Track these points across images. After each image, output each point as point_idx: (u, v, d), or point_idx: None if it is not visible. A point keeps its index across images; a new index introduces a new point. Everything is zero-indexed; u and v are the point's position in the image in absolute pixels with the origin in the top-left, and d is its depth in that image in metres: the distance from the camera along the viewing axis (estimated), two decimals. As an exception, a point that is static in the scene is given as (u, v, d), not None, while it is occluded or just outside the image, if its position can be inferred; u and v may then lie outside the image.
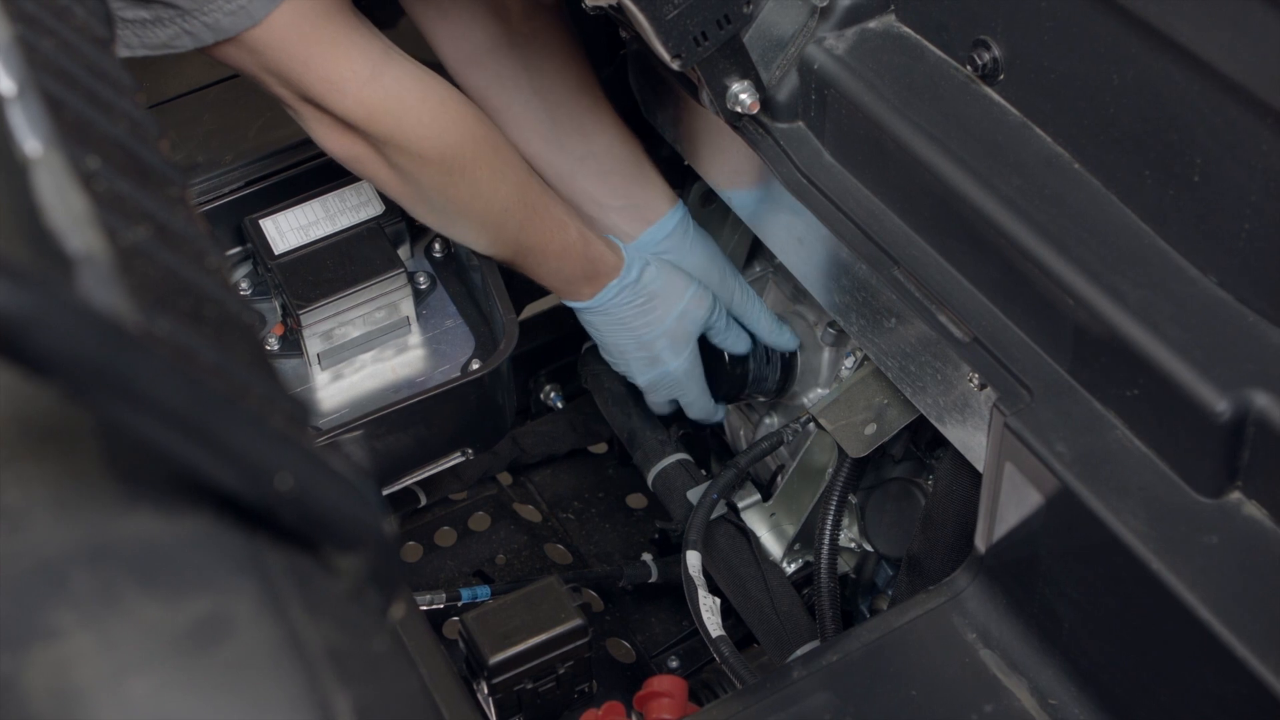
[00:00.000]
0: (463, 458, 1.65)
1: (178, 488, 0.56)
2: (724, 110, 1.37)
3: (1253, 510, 1.06)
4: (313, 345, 1.60)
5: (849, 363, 1.68)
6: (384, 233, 1.65)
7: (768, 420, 1.80)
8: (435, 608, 1.67)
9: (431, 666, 1.32)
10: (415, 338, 1.66)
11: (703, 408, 1.73)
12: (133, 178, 0.67)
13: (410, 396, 1.56)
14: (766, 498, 1.73)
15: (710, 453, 1.93)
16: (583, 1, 1.48)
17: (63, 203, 0.56)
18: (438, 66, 1.56)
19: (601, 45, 1.80)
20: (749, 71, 1.36)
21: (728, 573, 1.65)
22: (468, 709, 1.31)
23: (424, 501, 1.94)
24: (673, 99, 1.63)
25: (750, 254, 1.81)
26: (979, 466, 1.24)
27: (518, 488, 2.02)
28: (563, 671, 1.47)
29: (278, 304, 1.65)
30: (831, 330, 1.68)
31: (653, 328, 1.64)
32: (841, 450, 1.56)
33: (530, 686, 1.47)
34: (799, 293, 1.72)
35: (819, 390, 1.72)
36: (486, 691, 1.46)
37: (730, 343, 1.70)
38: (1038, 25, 1.21)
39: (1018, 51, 1.24)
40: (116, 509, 0.55)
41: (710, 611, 1.50)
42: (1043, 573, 1.17)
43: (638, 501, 2.01)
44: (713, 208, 1.82)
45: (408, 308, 1.64)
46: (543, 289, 1.98)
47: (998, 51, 1.26)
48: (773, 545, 1.71)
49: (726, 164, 1.56)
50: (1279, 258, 1.07)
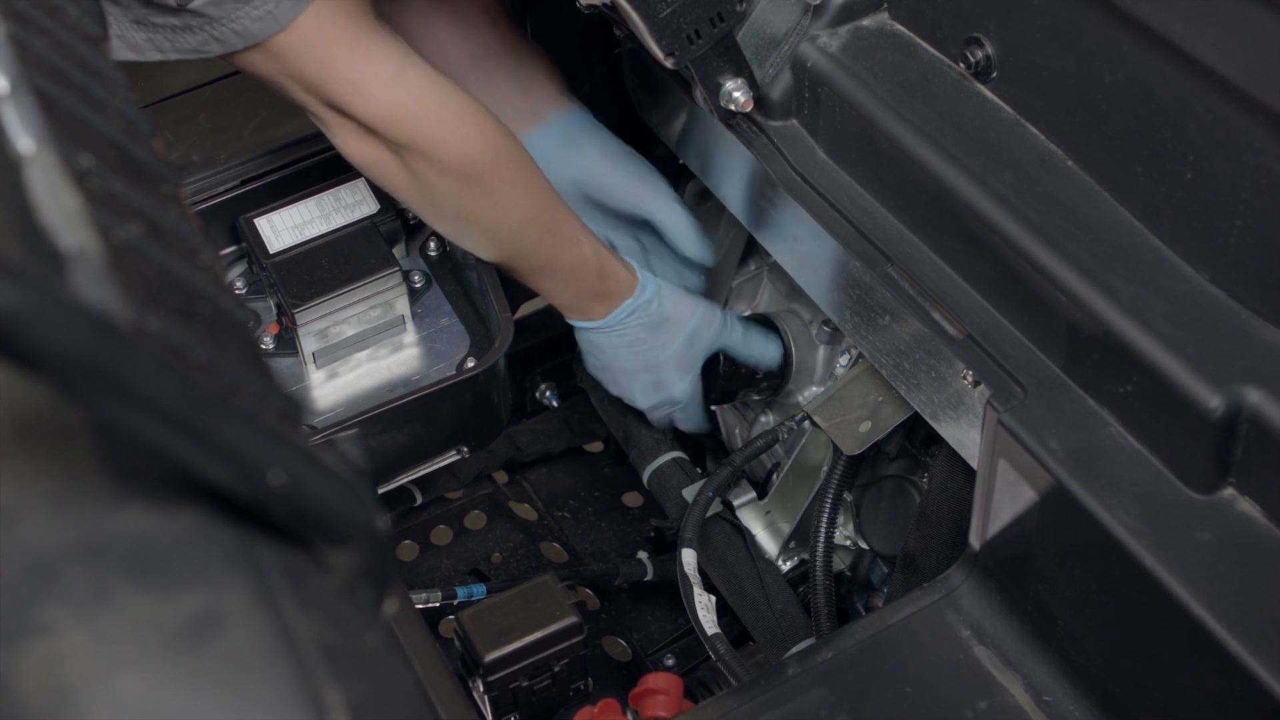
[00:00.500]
0: (458, 456, 1.65)
1: (170, 484, 0.56)
2: (718, 108, 1.38)
3: (1246, 507, 1.07)
4: (308, 344, 1.60)
5: (844, 360, 1.68)
6: (379, 231, 1.65)
7: (763, 418, 1.80)
8: (431, 606, 1.67)
9: (427, 664, 1.32)
10: (410, 336, 1.66)
11: (697, 425, 1.74)
12: (125, 175, 0.67)
13: (405, 395, 1.56)
14: (762, 495, 1.73)
15: (706, 451, 1.94)
16: (577, 1, 1.48)
17: (55, 200, 0.57)
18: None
19: (595, 44, 1.81)
20: (742, 69, 1.36)
21: (723, 570, 1.65)
22: (463, 707, 1.31)
23: (420, 500, 1.94)
24: (667, 97, 1.63)
25: (745, 252, 1.81)
26: (973, 463, 1.24)
27: (513, 486, 2.02)
28: (558, 669, 1.47)
29: (273, 303, 1.65)
30: (826, 328, 1.68)
31: (660, 351, 1.63)
32: (836, 448, 1.56)
33: (526, 684, 1.47)
34: (794, 290, 1.72)
35: (814, 388, 1.72)
36: (482, 689, 1.46)
37: (757, 353, 1.67)
38: (1030, 23, 1.21)
39: (1010, 49, 1.24)
40: (109, 505, 0.55)
41: (706, 609, 1.50)
42: (1036, 569, 1.17)
43: (633, 500, 2.01)
44: (707, 206, 1.82)
45: (403, 306, 1.64)
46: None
47: (990, 49, 1.26)
48: (768, 543, 1.71)
49: (721, 162, 1.56)
50: (1271, 254, 1.07)
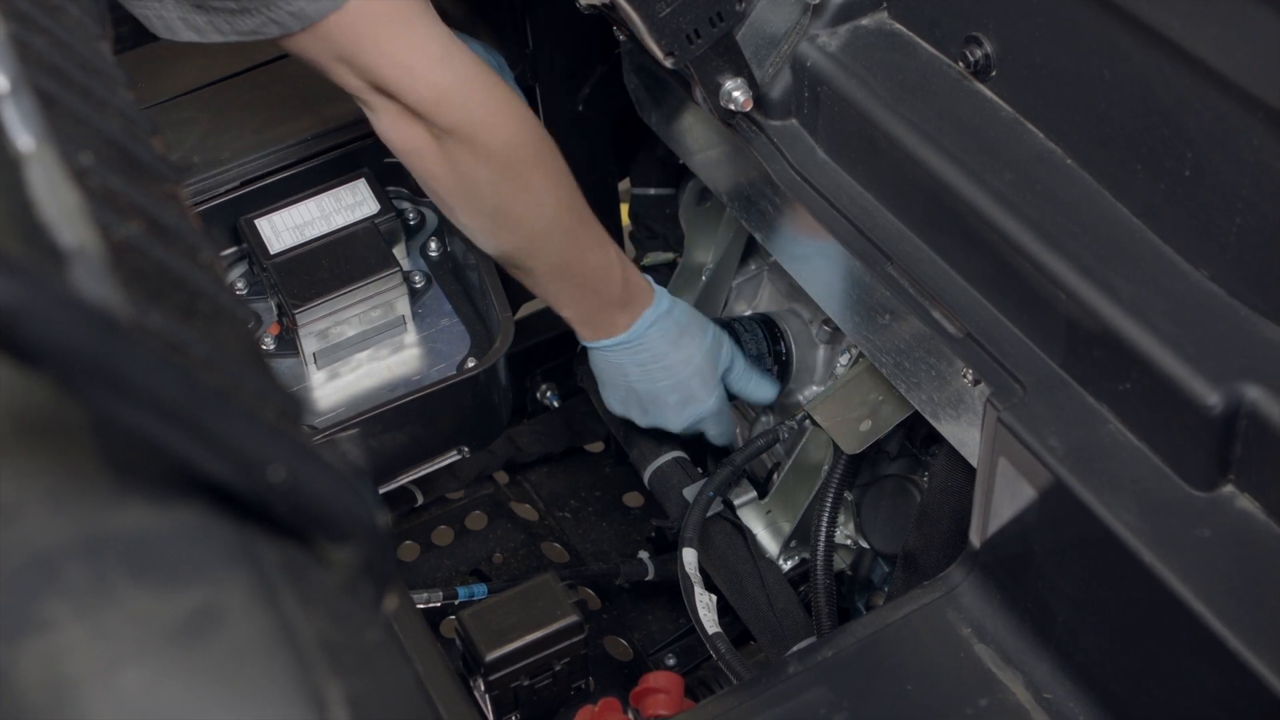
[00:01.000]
0: (459, 456, 1.65)
1: (170, 480, 0.56)
2: (717, 108, 1.38)
3: (1245, 503, 1.07)
4: (308, 344, 1.60)
5: (844, 360, 1.68)
6: (379, 232, 1.65)
7: (764, 418, 1.80)
8: (432, 606, 1.68)
9: (428, 664, 1.32)
10: (411, 337, 1.66)
11: (729, 437, 1.73)
12: (125, 173, 0.67)
13: (406, 395, 1.56)
14: (763, 495, 1.74)
15: (706, 451, 1.94)
16: (577, 1, 1.49)
17: (55, 198, 0.57)
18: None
19: (595, 44, 1.81)
20: (742, 69, 1.36)
21: (724, 570, 1.65)
22: (464, 706, 1.32)
23: (421, 500, 1.94)
24: (667, 97, 1.63)
25: (745, 252, 1.81)
26: (973, 462, 1.24)
27: (514, 486, 2.02)
28: (559, 668, 1.48)
29: (273, 303, 1.65)
30: (826, 327, 1.69)
31: (686, 364, 1.62)
32: (837, 447, 1.56)
33: (527, 683, 1.47)
34: (794, 290, 1.72)
35: (814, 387, 1.72)
36: (483, 688, 1.46)
37: (753, 389, 1.68)
38: (1029, 22, 1.21)
39: (1010, 48, 1.25)
40: (109, 501, 0.55)
41: (706, 608, 1.50)
42: (1037, 567, 1.17)
43: (634, 500, 2.01)
44: (707, 206, 1.83)
45: (403, 307, 1.64)
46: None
47: (990, 48, 1.26)
48: (769, 542, 1.71)
49: (720, 162, 1.56)
50: (1270, 252, 1.07)
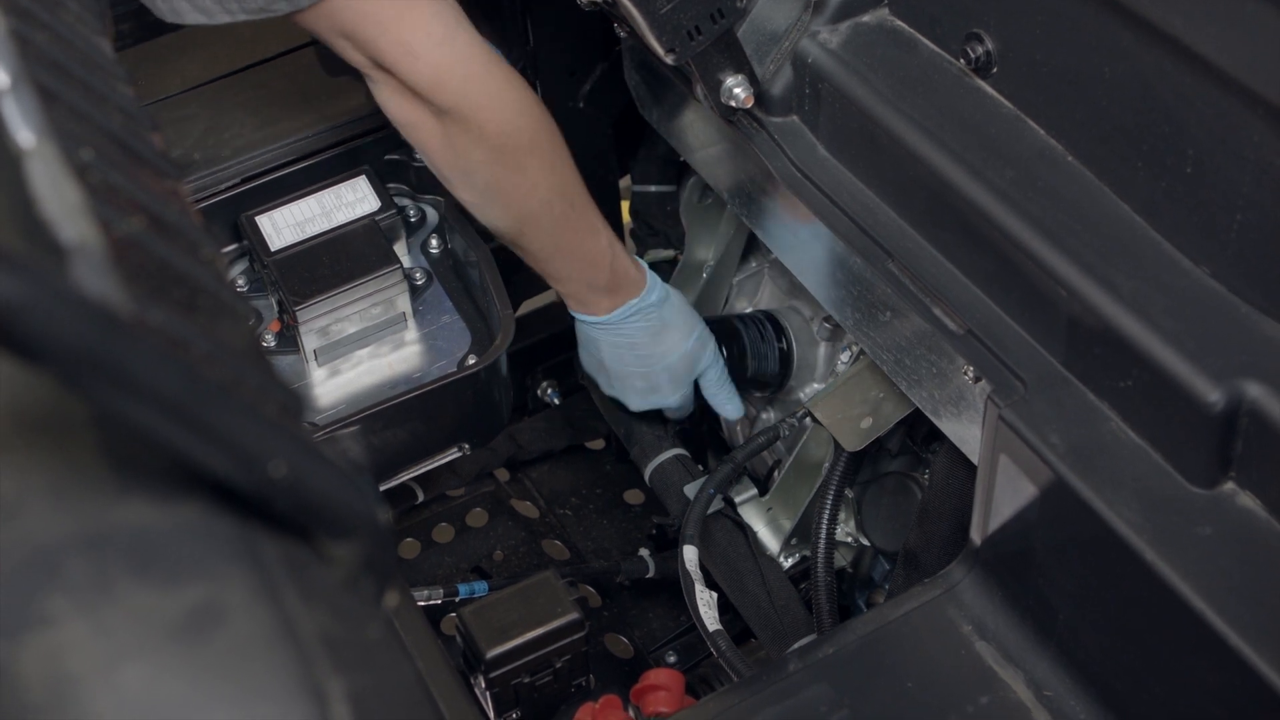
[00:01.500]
0: (459, 453, 1.65)
1: (172, 476, 0.56)
2: (718, 105, 1.38)
3: (1246, 501, 1.07)
4: (309, 341, 1.60)
5: (845, 357, 1.68)
6: (380, 229, 1.65)
7: (764, 415, 1.80)
8: (433, 603, 1.67)
9: (429, 661, 1.32)
10: (411, 334, 1.66)
11: (686, 413, 1.74)
12: (126, 169, 0.67)
13: (406, 392, 1.56)
14: (763, 492, 1.74)
15: (707, 448, 1.94)
16: (578, -3, 1.48)
17: (56, 194, 0.57)
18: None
19: (596, 41, 1.81)
20: (743, 66, 1.36)
21: (725, 567, 1.65)
22: (465, 703, 1.32)
23: (421, 498, 1.94)
24: (668, 94, 1.63)
25: (746, 249, 1.81)
26: (974, 459, 1.24)
27: (515, 484, 2.02)
28: (560, 665, 1.48)
29: (274, 300, 1.65)
30: (827, 325, 1.69)
31: (659, 359, 1.63)
32: (838, 444, 1.56)
33: (527, 680, 1.47)
34: (795, 287, 1.72)
35: (815, 385, 1.72)
36: (484, 686, 1.46)
37: (722, 401, 1.70)
38: (1030, 19, 1.21)
39: (1010, 45, 1.24)
40: (110, 497, 0.55)
41: (707, 606, 1.50)
42: (1038, 565, 1.17)
43: (635, 497, 2.01)
44: (708, 203, 1.83)
45: (404, 304, 1.64)
46: (541, 285, 1.98)
47: (990, 45, 1.26)
48: (770, 540, 1.71)
49: (721, 158, 1.56)
50: (1271, 249, 1.07)
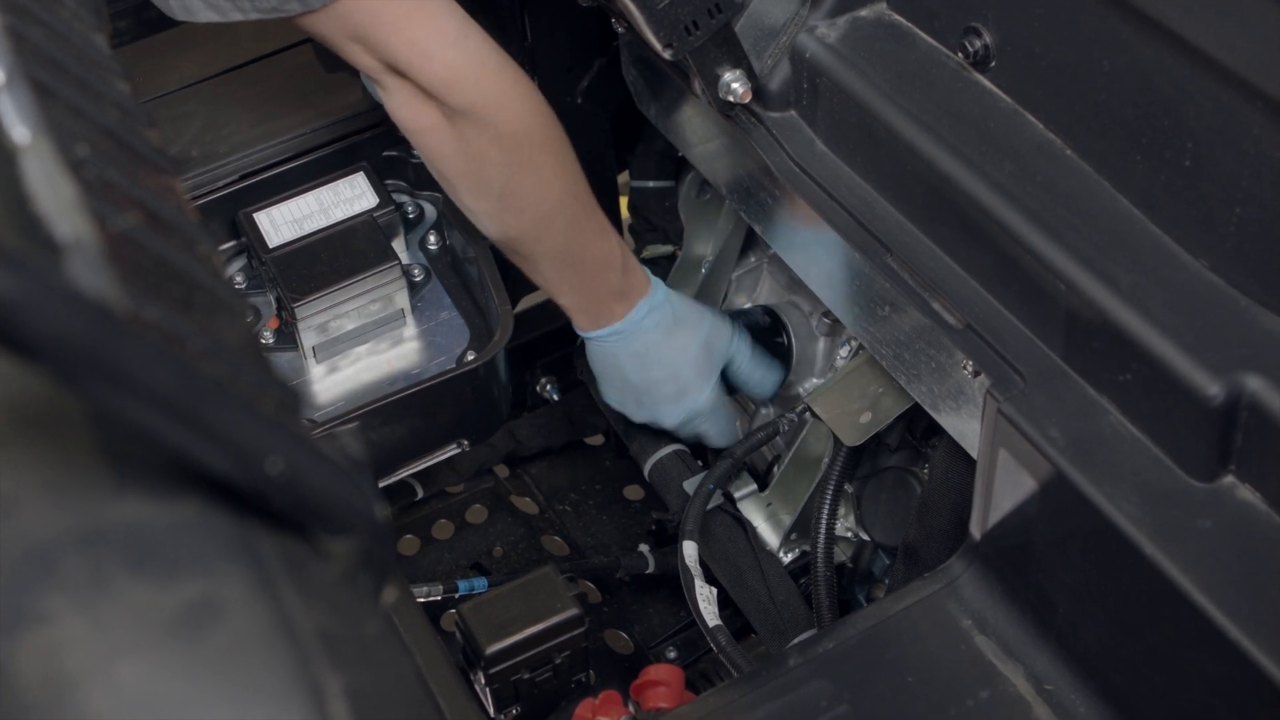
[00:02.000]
0: (458, 450, 1.65)
1: (168, 473, 0.56)
2: (716, 100, 1.38)
3: (1246, 494, 1.06)
4: (308, 338, 1.60)
5: (844, 352, 1.68)
6: (378, 225, 1.65)
7: (764, 410, 1.80)
8: (432, 600, 1.67)
9: (429, 657, 1.32)
10: (410, 330, 1.66)
11: (728, 436, 1.72)
12: (122, 165, 0.67)
13: (405, 388, 1.56)
14: (763, 488, 1.73)
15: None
16: (576, -7, 1.48)
17: (51, 189, 0.57)
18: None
19: (594, 37, 1.81)
20: (741, 60, 1.36)
21: (725, 563, 1.65)
22: (465, 700, 1.31)
23: (421, 494, 1.94)
24: (666, 89, 1.63)
25: (744, 244, 1.81)
26: (974, 454, 1.24)
27: (514, 480, 2.02)
28: (559, 661, 1.48)
29: (273, 297, 1.65)
30: (826, 319, 1.68)
31: (681, 355, 1.61)
32: (837, 439, 1.56)
33: (527, 676, 1.47)
34: (794, 282, 1.72)
35: (814, 380, 1.72)
36: (484, 682, 1.46)
37: (757, 382, 1.68)
38: (1028, 12, 1.21)
39: (1009, 38, 1.24)
40: (107, 494, 0.55)
41: (707, 601, 1.50)
42: (1037, 558, 1.17)
43: (634, 493, 2.00)
44: (707, 198, 1.82)
45: (402, 300, 1.64)
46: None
47: (989, 39, 1.26)
48: (769, 535, 1.71)
49: (719, 154, 1.56)
50: (1271, 242, 1.07)
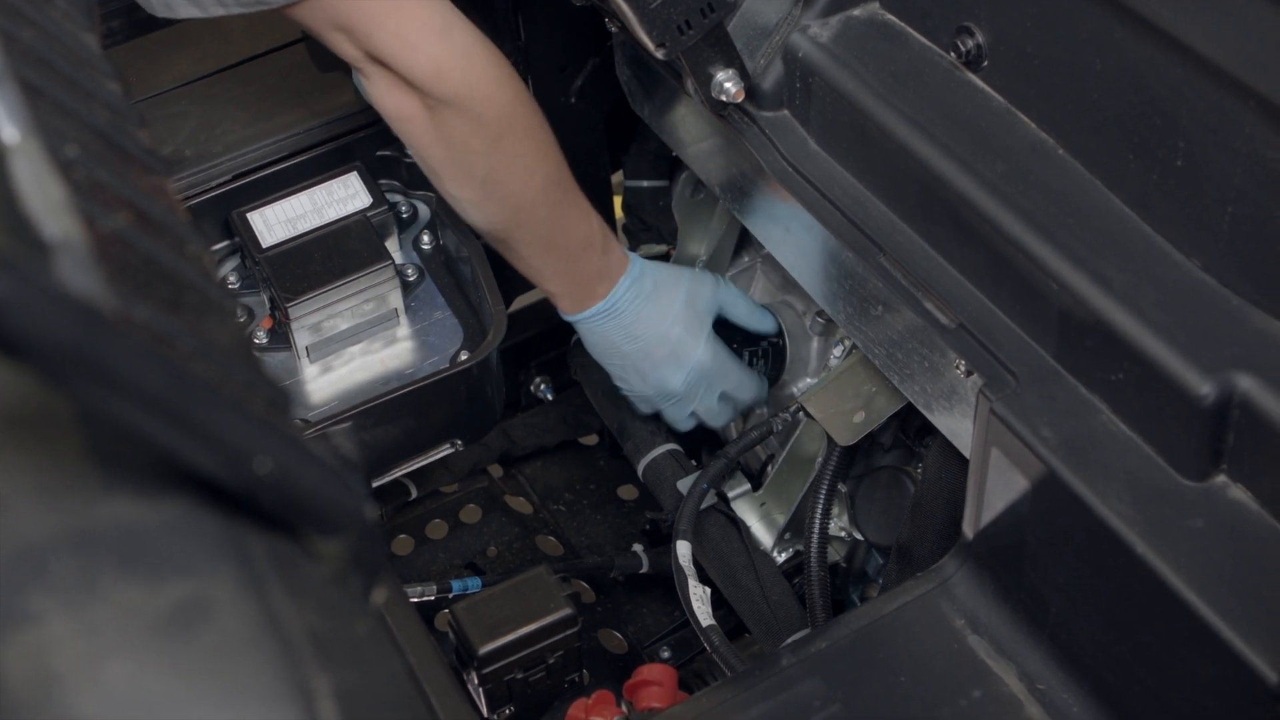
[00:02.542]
0: (452, 449, 1.65)
1: (157, 473, 0.56)
2: (709, 99, 1.37)
3: (1238, 493, 1.06)
4: (301, 338, 1.60)
5: (837, 351, 1.68)
6: (372, 225, 1.65)
7: (757, 410, 1.80)
8: (426, 600, 1.67)
9: (422, 657, 1.32)
10: (404, 330, 1.66)
11: (751, 388, 1.68)
12: (112, 165, 0.67)
13: (399, 388, 1.56)
14: (756, 487, 1.73)
15: (700, 443, 1.94)
16: (569, -7, 1.48)
17: (40, 189, 0.57)
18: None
19: (588, 36, 1.81)
20: (734, 60, 1.36)
21: (718, 562, 1.65)
22: (458, 700, 1.31)
23: (414, 494, 1.94)
24: (659, 89, 1.63)
25: (738, 244, 1.81)
26: (967, 453, 1.24)
27: (508, 480, 2.02)
28: (553, 661, 1.48)
29: (266, 297, 1.65)
30: (820, 319, 1.68)
31: (665, 315, 1.62)
32: (831, 439, 1.56)
33: (521, 676, 1.47)
34: (787, 282, 1.72)
35: (808, 379, 1.72)
36: (477, 682, 1.46)
37: (757, 320, 1.68)
38: (1021, 12, 1.21)
39: (1001, 38, 1.24)
40: (96, 494, 0.55)
41: (700, 601, 1.50)
42: (1030, 558, 1.17)
43: (629, 493, 2.01)
44: (700, 198, 1.82)
45: (396, 300, 1.63)
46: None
47: (981, 38, 1.26)
48: (763, 535, 1.71)
49: (712, 153, 1.56)
50: (1262, 241, 1.07)
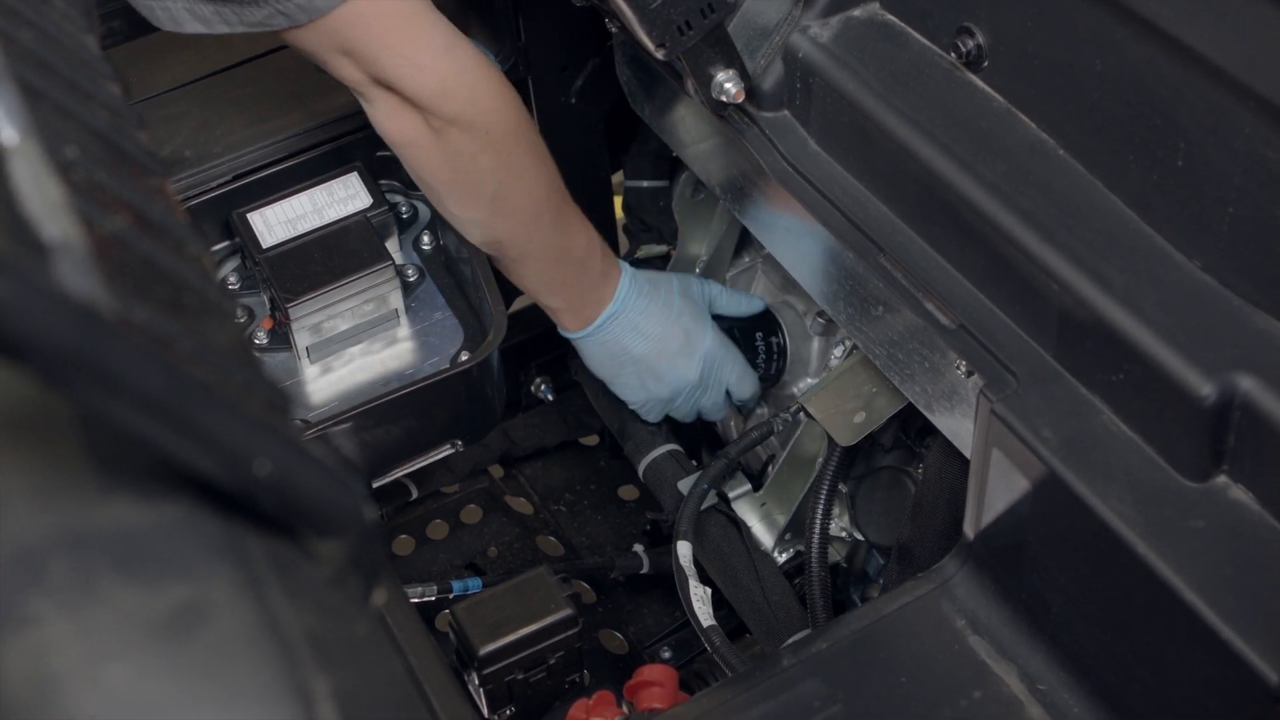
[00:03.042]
0: (452, 450, 1.65)
1: (156, 475, 0.56)
2: (709, 100, 1.37)
3: (1239, 494, 1.06)
4: (301, 339, 1.60)
5: (838, 352, 1.68)
6: (372, 226, 1.65)
7: (758, 410, 1.79)
8: (427, 600, 1.67)
9: (422, 658, 1.32)
10: (404, 330, 1.66)
11: (751, 381, 1.70)
12: (111, 167, 0.66)
13: (399, 389, 1.56)
14: (757, 488, 1.73)
15: (701, 443, 1.94)
16: (569, -7, 1.48)
17: (39, 191, 0.56)
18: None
19: (588, 37, 1.81)
20: (734, 60, 1.36)
21: (719, 563, 1.65)
22: (459, 700, 1.31)
23: (415, 494, 1.94)
24: (659, 89, 1.63)
25: (738, 244, 1.81)
26: (967, 453, 1.24)
27: (509, 480, 2.02)
28: (553, 662, 1.47)
29: (266, 298, 1.65)
30: (820, 320, 1.68)
31: (669, 307, 1.64)
32: (831, 439, 1.56)
33: (521, 677, 1.47)
34: (788, 282, 1.72)
35: (808, 380, 1.72)
36: (477, 682, 1.46)
37: (744, 305, 1.71)
38: (1021, 12, 1.21)
39: (1001, 38, 1.24)
40: (94, 496, 0.55)
41: (701, 601, 1.50)
42: (1030, 558, 1.17)
43: (629, 493, 2.01)
44: (701, 198, 1.82)
45: (396, 300, 1.63)
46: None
47: (981, 38, 1.26)
48: (764, 535, 1.71)
49: (713, 154, 1.56)
50: (1263, 241, 1.07)
